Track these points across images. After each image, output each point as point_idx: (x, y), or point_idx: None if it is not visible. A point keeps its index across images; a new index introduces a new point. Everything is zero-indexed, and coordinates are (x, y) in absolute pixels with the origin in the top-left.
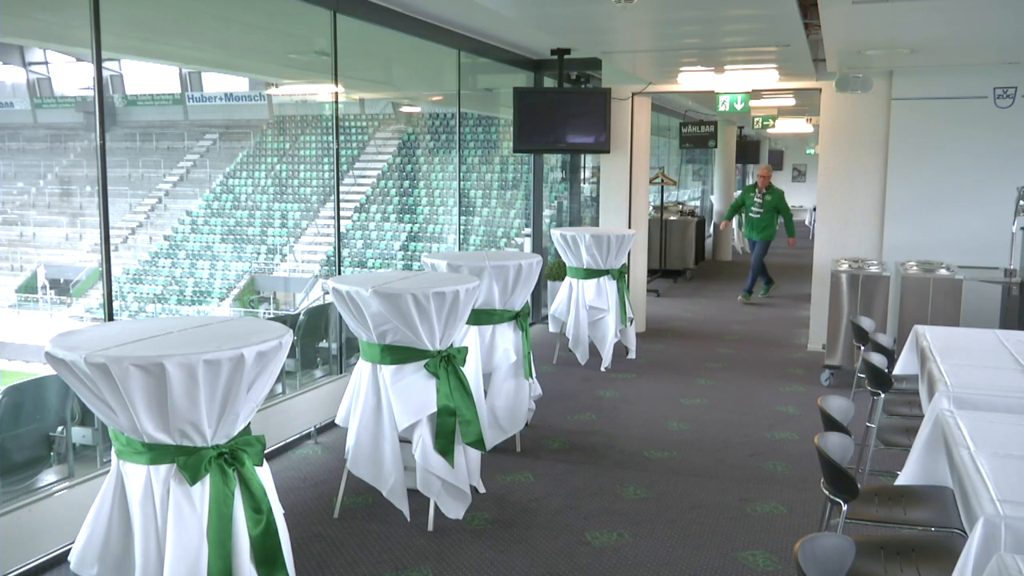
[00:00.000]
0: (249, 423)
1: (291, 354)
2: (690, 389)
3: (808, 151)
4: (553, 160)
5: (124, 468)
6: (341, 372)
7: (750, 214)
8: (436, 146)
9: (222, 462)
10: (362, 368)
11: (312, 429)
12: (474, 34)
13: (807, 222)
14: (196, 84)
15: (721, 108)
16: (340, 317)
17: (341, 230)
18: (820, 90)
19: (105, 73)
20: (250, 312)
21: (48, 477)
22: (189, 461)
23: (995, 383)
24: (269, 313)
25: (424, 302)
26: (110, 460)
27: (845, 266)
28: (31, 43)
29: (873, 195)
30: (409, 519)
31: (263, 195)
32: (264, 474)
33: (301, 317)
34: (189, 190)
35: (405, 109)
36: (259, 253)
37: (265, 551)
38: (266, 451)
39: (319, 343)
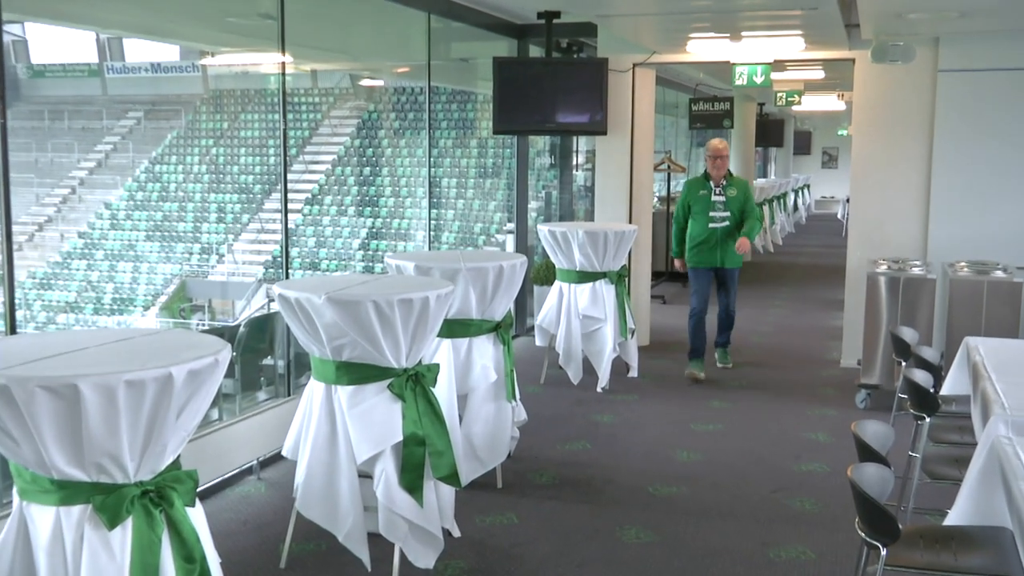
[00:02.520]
0: (179, 456)
1: (229, 373)
2: (702, 413)
3: (840, 132)
4: (540, 143)
5: (28, 510)
6: (289, 394)
7: (709, 224)
8: (402, 126)
9: (147, 502)
10: (314, 390)
11: (254, 462)
12: None
13: (839, 215)
14: (117, 53)
15: (738, 82)
16: (288, 329)
17: (289, 225)
18: (853, 61)
19: (6, 38)
20: (181, 323)
21: None
22: (107, 501)
23: None
24: (203, 324)
25: (387, 311)
26: (11, 501)
27: (883, 267)
28: None
29: (916, 184)
30: (370, 568)
31: (196, 184)
32: (197, 516)
33: (242, 329)
34: (108, 178)
35: (365, 83)
36: (191, 253)
37: None
38: (200, 489)
39: (263, 360)
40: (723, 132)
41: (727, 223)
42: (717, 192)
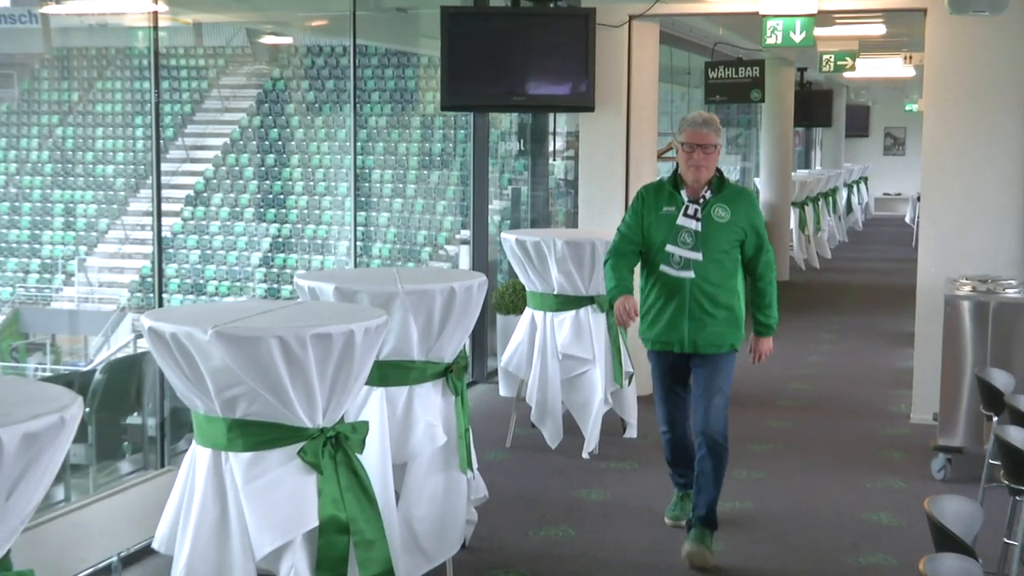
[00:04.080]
0: (9, 551)
1: (80, 437)
2: (725, 487)
3: (908, 107)
4: (505, 123)
5: None
6: (163, 465)
7: (670, 270)
8: (319, 99)
9: None
10: (197, 458)
11: (115, 559)
12: None
13: (907, 218)
14: None
15: (770, 40)
16: (161, 375)
17: (164, 234)
18: (925, 11)
19: None
20: (12, 368)
21: None
22: None
23: None
24: (44, 369)
25: (297, 350)
26: None
27: (967, 288)
28: None
29: (1010, 175)
30: None
31: (35, 177)
32: None
33: (98, 376)
34: None
35: (267, 40)
36: (27, 271)
37: None
38: None
39: (127, 418)
40: (751, 108)
41: (690, 273)
42: (690, 212)
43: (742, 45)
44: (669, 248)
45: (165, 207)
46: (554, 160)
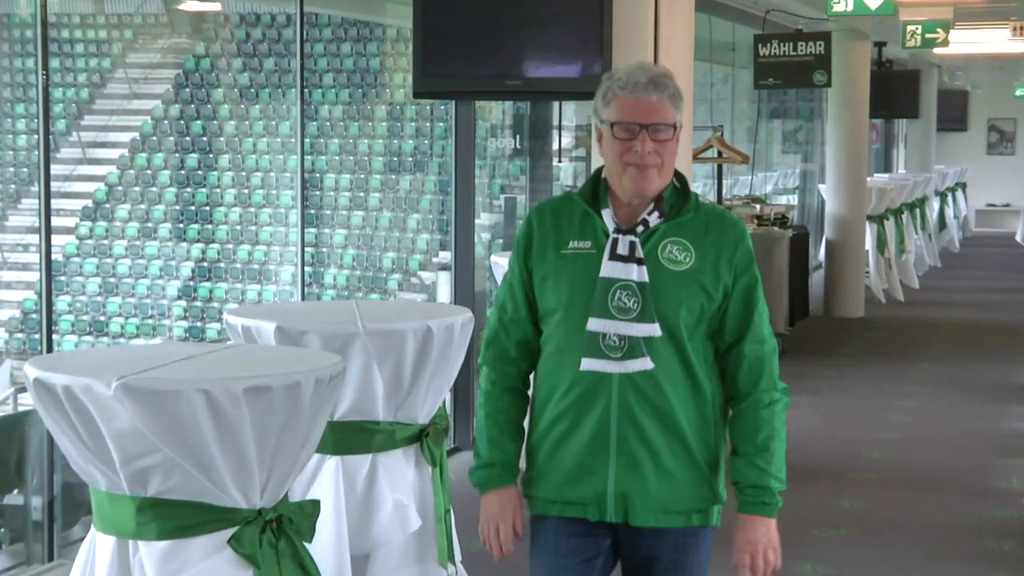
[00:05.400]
0: None
1: None
2: None
3: (1018, 92)
4: (497, 114)
5: None
6: (52, 558)
7: (604, 365)
8: (255, 83)
9: None
10: (97, 549)
11: None
12: None
13: (1019, 237)
14: None
15: (838, 7)
16: (51, 441)
17: (54, 256)
18: None
19: None
20: None
21: None
22: None
23: None
24: None
25: (228, 408)
26: None
27: None
28: None
29: None
30: None
31: None
32: None
33: None
34: None
35: (189, 6)
36: None
37: None
38: None
39: (4, 497)
40: (814, 95)
41: (645, 362)
42: (622, 249)
43: (802, 14)
44: (595, 325)
45: (55, 222)
46: (559, 161)
